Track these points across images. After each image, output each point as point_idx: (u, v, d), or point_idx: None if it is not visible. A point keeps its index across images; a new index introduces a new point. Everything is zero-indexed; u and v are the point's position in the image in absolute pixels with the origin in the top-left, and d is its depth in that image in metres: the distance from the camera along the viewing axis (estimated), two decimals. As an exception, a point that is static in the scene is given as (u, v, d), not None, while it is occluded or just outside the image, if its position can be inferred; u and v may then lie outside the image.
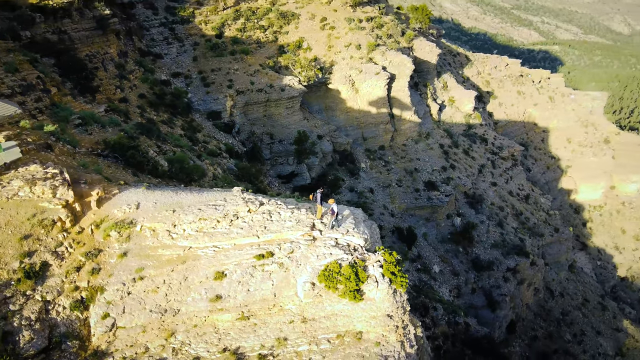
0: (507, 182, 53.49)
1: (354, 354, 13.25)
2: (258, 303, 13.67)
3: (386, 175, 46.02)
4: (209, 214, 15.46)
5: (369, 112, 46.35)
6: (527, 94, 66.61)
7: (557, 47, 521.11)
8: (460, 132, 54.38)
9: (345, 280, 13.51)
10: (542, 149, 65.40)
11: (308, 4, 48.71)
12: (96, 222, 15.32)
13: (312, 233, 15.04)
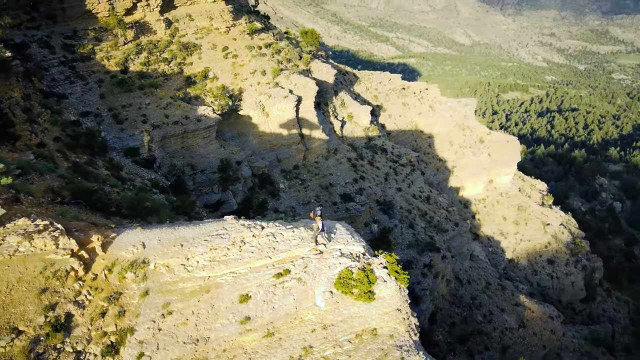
0: (409, 186, 58.27)
1: (375, 348, 14.78)
2: (282, 318, 14.64)
3: (304, 192, 47.93)
4: (217, 243, 16.04)
5: (281, 134, 48.08)
6: (411, 105, 72.63)
7: (413, 60, 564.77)
8: (363, 145, 58.21)
9: (359, 284, 15.03)
10: (430, 153, 71.62)
11: (207, 35, 49.35)
12: (107, 266, 15.19)
13: (318, 247, 16.38)
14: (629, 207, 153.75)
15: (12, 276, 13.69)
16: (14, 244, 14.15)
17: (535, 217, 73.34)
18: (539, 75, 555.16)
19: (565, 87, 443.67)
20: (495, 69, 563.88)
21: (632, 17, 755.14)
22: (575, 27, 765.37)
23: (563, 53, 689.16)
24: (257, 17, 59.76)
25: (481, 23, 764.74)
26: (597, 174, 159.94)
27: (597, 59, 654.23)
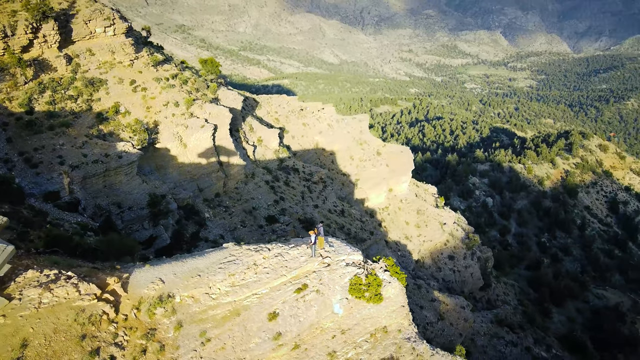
0: (324, 202, 60.78)
1: (389, 344, 16.48)
2: (307, 330, 15.68)
3: (230, 219, 48.18)
4: (233, 269, 16.56)
5: (200, 163, 48.01)
6: (311, 125, 75.69)
7: (287, 81, 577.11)
8: (276, 167, 59.67)
9: (370, 288, 16.55)
10: (334, 169, 75.01)
11: (111, 69, 47.95)
12: (134, 305, 15.11)
13: (325, 261, 17.54)
14: (498, 202, 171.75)
15: (46, 328, 13.23)
16: (36, 297, 13.69)
17: (433, 219, 79.91)
18: (403, 88, 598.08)
19: (428, 98, 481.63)
20: (365, 85, 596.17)
21: (474, 32, 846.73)
22: (429, 44, 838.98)
23: (421, 67, 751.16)
24: (154, 49, 58.99)
25: (346, 43, 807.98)
26: (469, 174, 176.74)
27: (451, 71, 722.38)
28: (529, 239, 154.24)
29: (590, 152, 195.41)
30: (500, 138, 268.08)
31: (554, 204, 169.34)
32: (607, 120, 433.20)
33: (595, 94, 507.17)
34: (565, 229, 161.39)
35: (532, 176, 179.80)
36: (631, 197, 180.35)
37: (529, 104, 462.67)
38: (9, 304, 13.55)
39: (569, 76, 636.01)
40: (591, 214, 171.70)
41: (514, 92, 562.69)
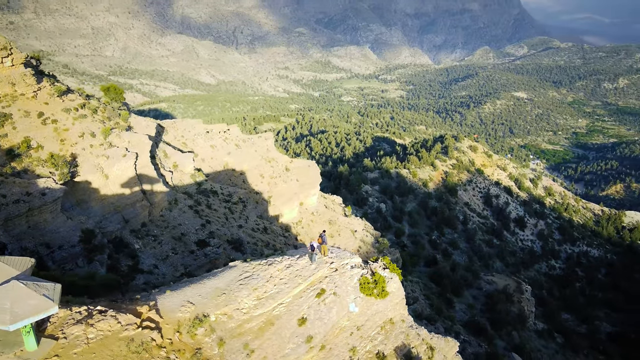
0: (247, 222, 61.17)
1: (398, 333, 18.39)
2: (330, 331, 16.94)
3: (160, 248, 46.99)
4: (254, 284, 17.26)
5: (124, 194, 46.33)
6: (219, 146, 75.70)
7: (164, 104, 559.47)
8: (195, 191, 58.97)
9: (377, 285, 18.19)
10: (246, 188, 75.55)
11: (14, 102, 44.74)
12: (175, 329, 15.28)
13: (332, 266, 18.81)
14: (390, 206, 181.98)
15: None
16: (81, 333, 13.52)
17: (345, 227, 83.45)
18: (284, 105, 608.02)
19: (309, 112, 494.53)
20: (245, 104, 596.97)
21: (345, 48, 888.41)
22: (304, 60, 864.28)
23: (299, 83, 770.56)
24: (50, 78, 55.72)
25: (221, 63, 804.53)
26: (361, 183, 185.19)
27: (327, 86, 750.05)
28: (421, 238, 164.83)
29: (463, 153, 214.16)
30: (382, 147, 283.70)
31: (438, 203, 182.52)
32: (470, 123, 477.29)
33: (457, 100, 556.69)
34: (450, 225, 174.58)
35: (417, 179, 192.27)
36: (501, 190, 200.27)
37: (402, 113, 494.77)
38: (57, 344, 13.12)
39: (433, 85, 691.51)
40: (470, 209, 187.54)
41: (387, 103, 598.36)
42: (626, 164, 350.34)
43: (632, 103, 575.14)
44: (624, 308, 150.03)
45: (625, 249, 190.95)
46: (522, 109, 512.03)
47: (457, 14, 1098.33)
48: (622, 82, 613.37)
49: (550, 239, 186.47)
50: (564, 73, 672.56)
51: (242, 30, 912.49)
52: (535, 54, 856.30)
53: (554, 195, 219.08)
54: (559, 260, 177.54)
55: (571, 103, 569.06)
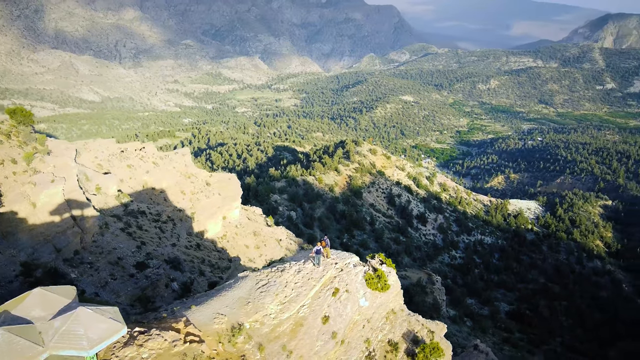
0: (179, 240, 59.67)
1: (400, 321, 20.07)
2: (347, 325, 17.98)
3: (97, 275, 44.68)
4: (275, 290, 17.86)
5: (53, 222, 43.48)
6: (136, 165, 73.03)
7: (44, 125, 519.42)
8: (123, 213, 56.46)
9: (380, 280, 19.57)
10: (170, 206, 73.66)
11: None
12: (216, 340, 15.40)
13: (337, 266, 19.81)
14: (300, 213, 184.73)
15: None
16: (135, 354, 13.47)
17: (270, 237, 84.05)
18: (176, 119, 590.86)
19: (204, 125, 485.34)
20: (135, 120, 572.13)
21: (235, 59, 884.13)
22: (193, 73, 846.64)
23: (190, 96, 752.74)
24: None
25: (104, 78, 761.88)
26: (270, 193, 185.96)
27: (220, 98, 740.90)
28: (333, 242, 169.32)
29: (364, 157, 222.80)
30: (284, 155, 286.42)
31: (346, 206, 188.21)
32: (364, 127, 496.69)
33: (350, 106, 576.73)
34: (359, 226, 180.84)
35: (323, 185, 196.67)
36: (402, 189, 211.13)
37: (298, 121, 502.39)
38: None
39: (326, 93, 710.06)
40: (376, 209, 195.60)
41: (282, 112, 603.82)
42: (504, 157, 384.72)
43: (503, 102, 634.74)
44: (515, 287, 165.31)
45: (512, 234, 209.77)
46: (410, 112, 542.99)
47: (342, 23, 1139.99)
48: (494, 83, 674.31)
49: (450, 231, 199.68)
50: (443, 76, 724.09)
51: (125, 43, 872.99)
52: (416, 60, 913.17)
53: (449, 191, 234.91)
54: (458, 250, 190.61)
55: (452, 104, 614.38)
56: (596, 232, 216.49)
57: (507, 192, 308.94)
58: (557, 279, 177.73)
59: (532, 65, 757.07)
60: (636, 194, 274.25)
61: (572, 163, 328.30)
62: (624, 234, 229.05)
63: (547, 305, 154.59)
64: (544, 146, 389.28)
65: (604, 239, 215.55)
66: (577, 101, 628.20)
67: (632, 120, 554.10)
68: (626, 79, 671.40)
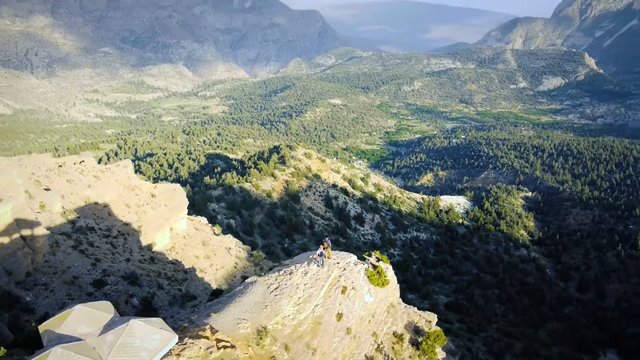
0: (132, 254, 57.74)
1: (400, 313, 21.23)
2: (357, 321, 18.77)
3: (53, 296, 42.62)
4: (288, 292, 18.32)
5: (2, 243, 41.01)
6: (76, 180, 69.92)
7: None
8: (71, 230, 53.89)
9: (380, 276, 20.51)
10: (115, 220, 71.15)
11: None
12: (245, 343, 15.79)
13: (339, 265, 20.47)
14: (239, 221, 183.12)
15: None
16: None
17: (219, 246, 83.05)
18: (98, 131, 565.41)
19: (129, 136, 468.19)
20: (53, 133, 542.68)
21: (158, 67, 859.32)
22: (114, 82, 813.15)
23: (112, 106, 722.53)
24: None
25: (15, 89, 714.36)
26: (207, 202, 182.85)
27: (144, 107, 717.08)
28: (275, 248, 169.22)
29: (299, 161, 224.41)
30: (217, 163, 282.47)
31: (284, 211, 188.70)
32: (295, 131, 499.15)
33: (280, 111, 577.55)
34: (299, 231, 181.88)
35: (260, 191, 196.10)
36: (338, 191, 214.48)
37: (228, 128, 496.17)
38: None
39: (254, 98, 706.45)
40: (314, 213, 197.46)
41: (211, 119, 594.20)
42: (432, 156, 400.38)
43: (427, 102, 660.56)
44: (451, 280, 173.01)
45: (445, 228, 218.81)
46: (339, 115, 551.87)
47: (267, 28, 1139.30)
48: (417, 85, 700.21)
49: (387, 230, 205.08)
50: (369, 79, 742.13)
51: (37, 52, 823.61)
52: (342, 63, 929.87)
53: (383, 191, 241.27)
54: (396, 247, 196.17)
55: (379, 106, 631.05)
56: (520, 222, 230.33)
57: (436, 189, 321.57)
58: (488, 268, 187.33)
59: (452, 67, 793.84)
60: (551, 184, 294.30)
61: (494, 158, 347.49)
62: (543, 222, 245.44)
63: (481, 294, 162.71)
64: (468, 144, 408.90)
65: (527, 228, 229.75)
66: (494, 100, 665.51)
67: (543, 116, 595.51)
68: (536, 78, 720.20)
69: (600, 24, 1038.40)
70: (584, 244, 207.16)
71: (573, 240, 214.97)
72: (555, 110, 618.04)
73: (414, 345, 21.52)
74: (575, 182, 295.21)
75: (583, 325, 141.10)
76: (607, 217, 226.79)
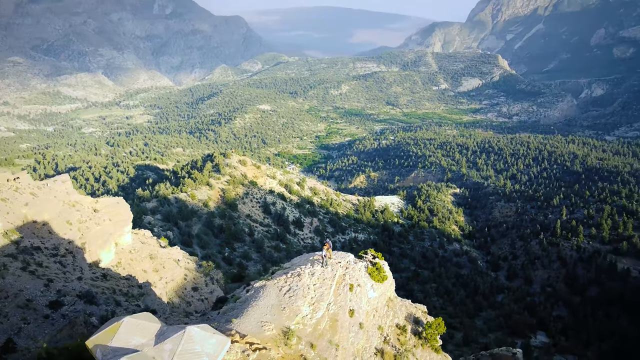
0: (83, 272, 55.13)
1: (399, 306, 22.40)
2: (365, 316, 19.58)
3: (7, 322, 39.98)
4: (302, 293, 19.04)
5: (-52, 269, 38.17)
6: (12, 198, 65.74)
7: None
8: (16, 251, 50.60)
9: (379, 272, 21.42)
10: (58, 239, 67.77)
11: None
12: (275, 345, 15.75)
13: (341, 264, 21.15)
14: (177, 233, 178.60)
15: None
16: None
17: (167, 259, 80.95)
18: (11, 145, 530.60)
19: (47, 150, 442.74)
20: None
21: (75, 76, 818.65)
22: (26, 93, 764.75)
23: (25, 119, 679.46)
24: None
25: None
26: (142, 215, 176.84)
27: (62, 119, 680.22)
28: (215, 258, 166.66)
29: (234, 169, 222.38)
30: (148, 174, 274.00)
31: (222, 220, 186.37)
32: (225, 139, 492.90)
33: (208, 118, 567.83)
34: (239, 239, 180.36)
35: (197, 201, 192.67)
36: (275, 197, 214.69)
37: (155, 138, 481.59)
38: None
39: (180, 107, 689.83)
40: (253, 220, 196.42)
41: (136, 129, 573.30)
42: (363, 157, 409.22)
43: (355, 105, 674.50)
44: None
45: (381, 228, 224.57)
46: (269, 120, 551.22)
47: (190, 34, 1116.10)
48: (345, 88, 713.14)
49: (326, 233, 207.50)
50: (297, 84, 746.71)
51: None
52: (269, 69, 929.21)
53: (319, 194, 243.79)
54: (336, 249, 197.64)
55: (308, 110, 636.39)
56: (451, 217, 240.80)
57: (370, 190, 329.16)
58: (425, 264, 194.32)
59: (377, 70, 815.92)
60: (477, 180, 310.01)
61: (423, 158, 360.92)
62: (472, 216, 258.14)
63: (420, 289, 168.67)
64: (397, 144, 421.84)
65: (458, 223, 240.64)
66: (418, 101, 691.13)
67: (465, 116, 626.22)
68: (456, 80, 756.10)
69: (510, 28, 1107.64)
70: (510, 234, 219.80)
71: (500, 231, 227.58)
72: (475, 110, 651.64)
73: (416, 335, 22.84)
74: (498, 177, 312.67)
75: (514, 311, 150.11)
76: (529, 209, 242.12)
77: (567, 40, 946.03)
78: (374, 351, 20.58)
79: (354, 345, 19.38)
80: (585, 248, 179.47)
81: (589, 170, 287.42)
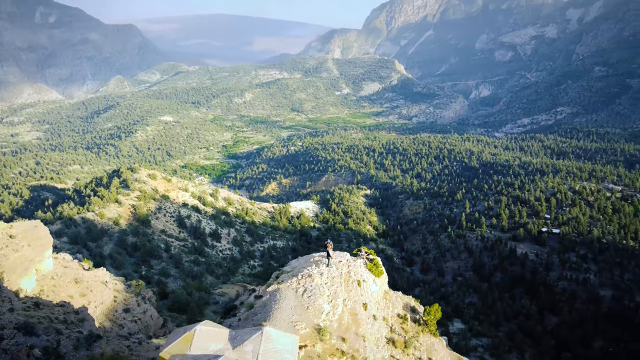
0: (12, 302, 50.91)
1: (395, 298, 24.20)
2: (375, 307, 21.10)
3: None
4: (318, 292, 20.86)
5: None
6: None
7: None
8: None
9: (377, 267, 22.99)
10: (-31, 271, 62.14)
11: None
12: (312, 341, 16.57)
13: (342, 263, 22.38)
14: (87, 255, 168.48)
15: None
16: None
17: (94, 282, 76.46)
18: None
19: None
20: None
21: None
22: None
23: None
24: None
25: None
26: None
27: None
28: (131, 277, 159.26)
29: (144, 183, 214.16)
30: (45, 195, 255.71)
31: (136, 238, 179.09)
32: (127, 153, 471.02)
33: (106, 133, 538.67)
34: (155, 256, 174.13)
35: (106, 220, 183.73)
36: (190, 210, 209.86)
37: (47, 156, 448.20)
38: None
39: (74, 121, 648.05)
40: (168, 235, 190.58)
41: (24, 148, 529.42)
42: (272, 165, 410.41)
43: (260, 113, 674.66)
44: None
45: (299, 233, 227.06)
46: (172, 132, 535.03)
47: (79, 44, 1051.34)
48: (248, 96, 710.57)
49: (244, 242, 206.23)
50: (199, 94, 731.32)
51: None
52: (168, 79, 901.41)
53: (234, 204, 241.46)
54: (255, 258, 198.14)
55: (213, 120, 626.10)
56: (365, 218, 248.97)
57: (282, 196, 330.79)
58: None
59: (280, 77, 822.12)
60: (385, 180, 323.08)
61: (332, 162, 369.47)
62: (384, 215, 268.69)
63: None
64: (305, 150, 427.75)
65: (372, 223, 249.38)
66: (322, 107, 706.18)
67: (368, 119, 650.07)
68: (357, 84, 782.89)
69: (403, 34, 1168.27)
70: (421, 230, 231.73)
71: (411, 228, 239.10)
72: (377, 113, 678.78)
73: (415, 322, 24.79)
74: (405, 176, 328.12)
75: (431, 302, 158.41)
76: (436, 204, 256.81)
77: (455, 45, 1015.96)
78: (385, 341, 22.23)
79: (372, 334, 21.01)
80: (488, 237, 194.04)
81: (485, 165, 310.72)
